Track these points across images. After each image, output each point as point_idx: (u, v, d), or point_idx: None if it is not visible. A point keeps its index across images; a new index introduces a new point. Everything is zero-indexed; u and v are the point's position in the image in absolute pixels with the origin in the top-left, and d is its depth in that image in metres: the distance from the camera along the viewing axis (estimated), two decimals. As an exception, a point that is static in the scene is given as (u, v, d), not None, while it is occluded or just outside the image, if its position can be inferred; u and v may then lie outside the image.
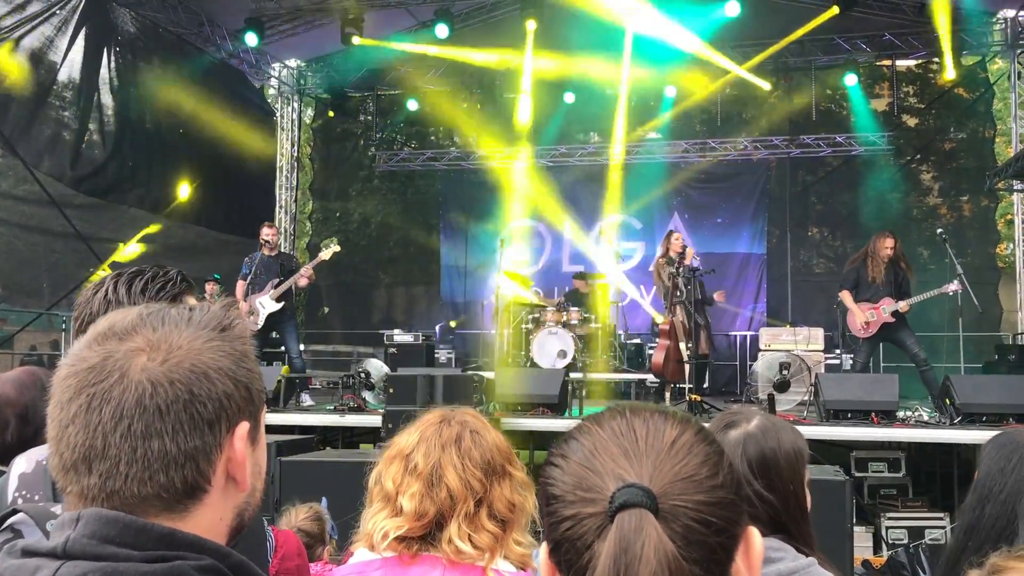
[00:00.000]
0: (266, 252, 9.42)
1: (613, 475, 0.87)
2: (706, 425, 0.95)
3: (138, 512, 0.95)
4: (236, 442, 1.00)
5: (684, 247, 9.45)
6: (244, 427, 1.02)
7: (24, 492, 1.69)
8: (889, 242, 8.49)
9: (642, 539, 0.81)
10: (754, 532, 0.92)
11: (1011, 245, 14.56)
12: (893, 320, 8.28)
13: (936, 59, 14.07)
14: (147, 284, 1.79)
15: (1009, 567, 1.45)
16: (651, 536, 0.82)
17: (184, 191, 13.13)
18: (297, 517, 3.55)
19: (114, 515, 0.93)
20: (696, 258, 10.27)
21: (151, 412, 0.94)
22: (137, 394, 0.95)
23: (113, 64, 11.96)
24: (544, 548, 0.92)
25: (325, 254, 9.60)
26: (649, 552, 0.81)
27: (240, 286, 9.35)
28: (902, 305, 8.22)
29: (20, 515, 1.12)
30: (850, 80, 14.01)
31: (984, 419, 6.98)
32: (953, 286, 8.21)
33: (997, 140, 15.14)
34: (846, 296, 8.60)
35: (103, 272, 9.72)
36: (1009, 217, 14.98)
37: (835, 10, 12.04)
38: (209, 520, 1.00)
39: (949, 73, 13.41)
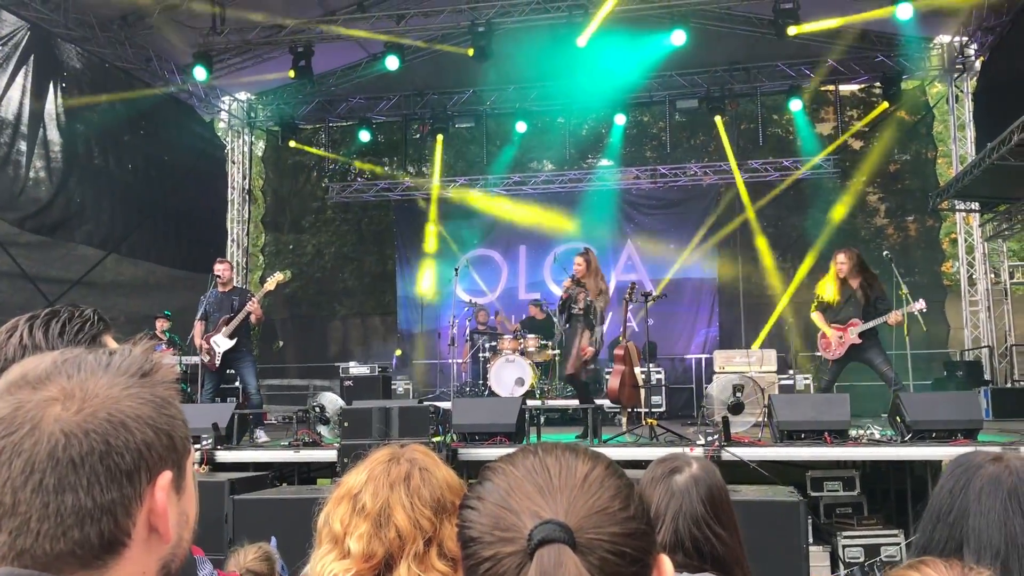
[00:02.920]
0: (219, 288, 9.31)
1: (529, 513, 0.88)
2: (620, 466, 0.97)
3: (52, 570, 0.91)
4: (157, 492, 0.96)
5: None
6: (166, 477, 0.98)
7: None
8: (840, 257, 8.48)
9: (562, 573, 0.83)
10: (665, 559, 0.94)
11: (956, 263, 14.89)
12: (860, 341, 8.35)
13: (878, 83, 14.42)
14: (64, 326, 1.71)
15: (901, 574, 1.50)
16: (570, 570, 0.83)
17: (133, 228, 12.95)
18: (246, 558, 3.47)
19: (27, 574, 0.89)
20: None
21: (64, 465, 0.90)
22: (49, 446, 0.90)
23: (59, 99, 11.80)
24: None
25: (270, 284, 9.45)
26: None
27: (198, 327, 9.18)
28: (894, 316, 8.19)
29: None
30: (795, 105, 14.30)
31: (934, 435, 7.08)
32: (919, 305, 8.30)
33: (939, 161, 15.53)
34: (817, 317, 8.61)
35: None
36: (953, 236, 15.33)
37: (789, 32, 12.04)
38: (131, 574, 0.95)
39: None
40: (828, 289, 8.49)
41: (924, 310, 8.28)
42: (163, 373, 1.02)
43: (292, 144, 16.07)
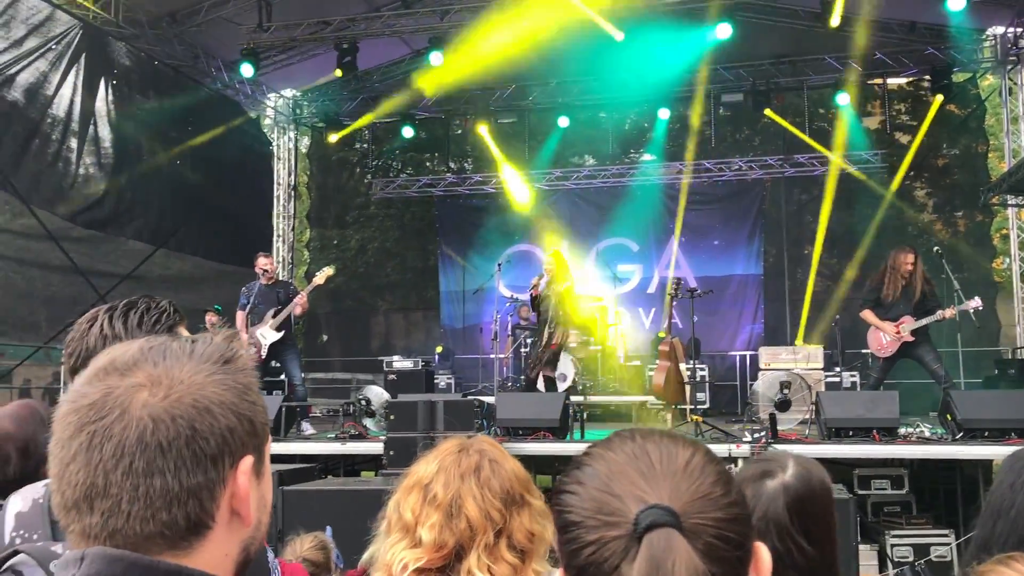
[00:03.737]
0: (263, 282, 9.42)
1: (633, 497, 0.89)
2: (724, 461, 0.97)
3: (141, 550, 0.93)
4: (240, 477, 0.98)
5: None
6: (248, 461, 1.00)
7: (22, 531, 1.66)
8: (910, 257, 8.34)
9: (672, 558, 0.83)
10: (762, 547, 0.94)
11: (1007, 260, 14.60)
12: (913, 339, 8.23)
13: (927, 77, 14.18)
14: (142, 316, 1.76)
15: (990, 570, 1.48)
16: (681, 554, 0.84)
17: (182, 223, 13.16)
18: (302, 547, 3.52)
19: (119, 553, 0.92)
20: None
21: (152, 449, 0.93)
22: (138, 431, 0.93)
23: (110, 97, 12.03)
24: (560, 574, 0.93)
25: (319, 278, 9.59)
26: (680, 569, 0.83)
27: (240, 317, 9.32)
28: (948, 312, 8.12)
29: (21, 556, 1.11)
30: (842, 99, 14.11)
31: (986, 434, 6.96)
32: (974, 303, 8.17)
33: (990, 155, 15.23)
34: (868, 314, 8.48)
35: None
36: (1005, 232, 15.03)
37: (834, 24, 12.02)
38: (214, 556, 0.98)
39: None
40: (888, 287, 8.34)
41: (980, 308, 8.14)
42: (243, 361, 1.05)
43: (330, 137, 16.19)
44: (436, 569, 1.77)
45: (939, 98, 13.91)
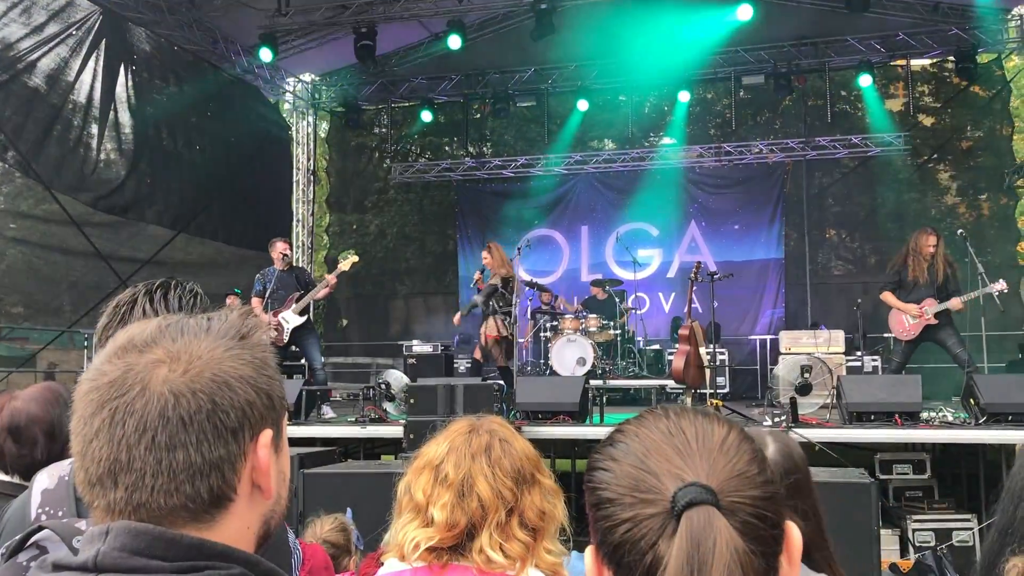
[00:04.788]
0: (280, 267, 9.44)
1: (670, 475, 0.88)
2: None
3: (165, 524, 0.94)
4: (260, 450, 1.00)
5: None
6: (267, 435, 1.01)
7: (48, 508, 1.68)
8: (932, 239, 8.29)
9: (713, 535, 0.83)
10: (792, 526, 0.94)
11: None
12: (936, 321, 8.15)
13: (951, 58, 14.00)
14: (181, 298, 1.77)
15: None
16: (722, 532, 0.83)
17: (202, 208, 13.22)
18: (323, 528, 3.54)
19: (143, 527, 0.93)
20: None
21: (174, 423, 0.94)
22: (160, 406, 0.94)
23: (130, 82, 12.07)
24: (591, 552, 0.93)
25: (344, 264, 9.64)
26: (722, 547, 0.82)
27: (256, 303, 9.35)
28: (955, 303, 8.06)
29: (46, 531, 1.13)
30: (864, 81, 13.96)
31: (1010, 419, 6.89)
32: (999, 285, 8.10)
33: (1015, 138, 15.02)
34: (889, 296, 8.43)
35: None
36: (1029, 214, 14.87)
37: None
38: (236, 529, 0.99)
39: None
40: (911, 269, 8.26)
41: (1005, 290, 8.07)
42: (259, 336, 1.06)
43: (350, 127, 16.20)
44: (448, 548, 1.77)
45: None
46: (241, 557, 0.95)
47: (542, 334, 12.05)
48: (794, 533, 0.93)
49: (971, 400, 7.12)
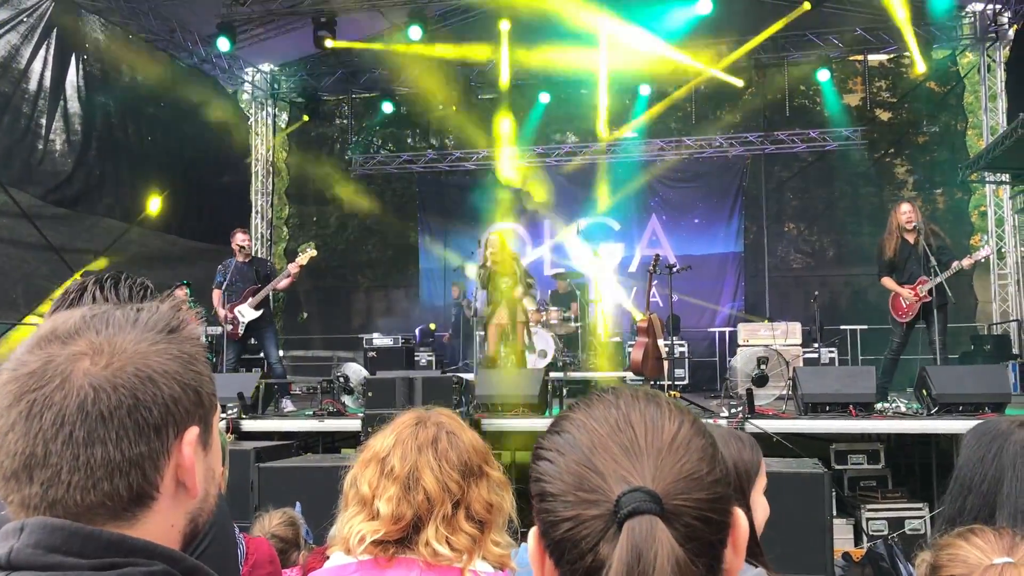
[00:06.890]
0: (240, 259, 9.32)
1: (616, 476, 0.85)
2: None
3: (83, 521, 0.92)
4: (184, 447, 0.97)
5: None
6: (193, 432, 0.98)
7: None
8: (905, 209, 8.13)
9: (655, 548, 0.80)
10: (739, 512, 0.91)
11: (985, 236, 14.70)
12: (931, 298, 8.00)
13: (907, 53, 14.19)
14: (131, 289, 1.73)
15: (950, 543, 1.49)
16: (663, 544, 0.81)
17: (155, 200, 12.99)
18: (271, 523, 3.51)
19: (60, 523, 0.90)
20: None
21: (94, 418, 0.91)
22: (79, 400, 0.91)
23: (81, 71, 11.83)
24: (535, 535, 0.91)
25: (302, 258, 9.48)
26: (663, 560, 0.80)
27: (216, 295, 9.23)
28: (966, 262, 7.95)
29: None
30: (823, 76, 14.11)
31: (960, 409, 7.02)
32: (984, 251, 8.20)
33: (969, 132, 15.29)
34: (887, 281, 8.23)
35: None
36: (983, 209, 15.12)
37: (807, 6, 12.15)
38: (159, 527, 0.97)
39: (919, 67, 13.50)
40: (897, 249, 8.11)
41: (990, 255, 8.12)
42: (189, 330, 1.03)
43: (305, 119, 16.05)
44: (394, 541, 1.76)
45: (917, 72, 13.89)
46: (164, 553, 0.93)
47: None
48: (741, 522, 0.91)
49: (923, 391, 7.24)
